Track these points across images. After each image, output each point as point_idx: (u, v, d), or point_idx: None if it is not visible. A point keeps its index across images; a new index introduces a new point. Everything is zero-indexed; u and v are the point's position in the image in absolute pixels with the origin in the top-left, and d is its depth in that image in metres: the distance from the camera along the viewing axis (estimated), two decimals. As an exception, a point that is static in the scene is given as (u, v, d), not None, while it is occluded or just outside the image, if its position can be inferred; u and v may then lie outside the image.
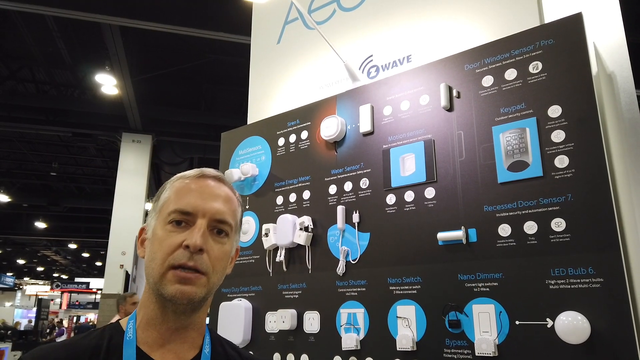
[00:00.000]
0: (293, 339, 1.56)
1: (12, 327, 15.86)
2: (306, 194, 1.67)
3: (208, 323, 1.89)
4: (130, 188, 9.64)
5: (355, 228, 1.51)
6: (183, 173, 0.89)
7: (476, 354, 1.18)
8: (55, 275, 31.67)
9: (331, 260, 1.54)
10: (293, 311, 1.57)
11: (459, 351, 1.22)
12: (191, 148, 10.75)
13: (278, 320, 1.58)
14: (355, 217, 1.51)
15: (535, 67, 1.26)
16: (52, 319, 19.30)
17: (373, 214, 1.48)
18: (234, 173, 1.83)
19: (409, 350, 1.29)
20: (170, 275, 0.78)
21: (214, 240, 0.82)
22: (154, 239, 0.81)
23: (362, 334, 1.41)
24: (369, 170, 1.52)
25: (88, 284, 25.02)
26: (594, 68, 1.27)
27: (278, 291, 1.65)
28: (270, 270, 1.69)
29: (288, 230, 1.62)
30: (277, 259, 1.66)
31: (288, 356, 1.56)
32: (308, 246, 1.61)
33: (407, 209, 1.41)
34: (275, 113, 1.94)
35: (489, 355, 1.16)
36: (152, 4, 5.94)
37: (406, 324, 1.33)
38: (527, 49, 1.28)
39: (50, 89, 9.80)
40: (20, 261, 25.39)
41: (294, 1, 1.86)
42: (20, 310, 20.01)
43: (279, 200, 1.74)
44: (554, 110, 1.21)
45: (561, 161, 1.17)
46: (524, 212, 1.20)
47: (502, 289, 1.19)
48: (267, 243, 1.69)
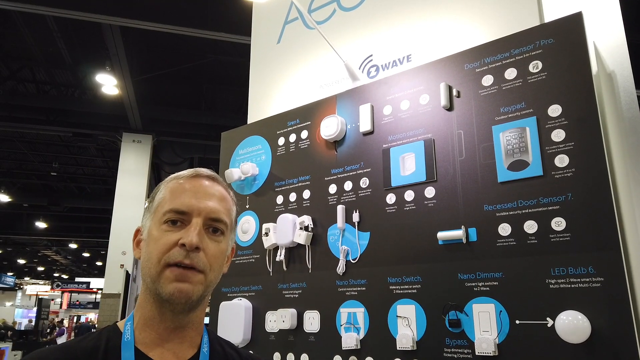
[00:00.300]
0: (293, 339, 1.56)
1: (12, 327, 15.86)
2: (306, 194, 1.67)
3: (208, 323, 1.89)
4: (130, 188, 9.64)
5: (355, 227, 1.51)
6: (177, 173, 0.89)
7: (476, 354, 1.18)
8: (56, 275, 31.68)
9: (331, 260, 1.54)
10: (293, 310, 1.57)
11: (459, 350, 1.22)
12: (191, 148, 10.75)
13: (278, 320, 1.58)
14: (355, 217, 1.51)
15: (535, 67, 1.26)
16: (53, 319, 19.30)
17: (373, 213, 1.48)
18: (234, 172, 1.83)
19: (409, 349, 1.29)
20: (168, 273, 0.78)
21: (209, 238, 0.82)
22: (150, 239, 0.82)
23: (362, 334, 1.41)
24: (369, 169, 1.52)
25: (88, 283, 25.02)
26: (594, 67, 1.27)
27: (278, 290, 1.65)
28: (271, 270, 1.70)
29: (288, 229, 1.62)
30: (277, 259, 1.66)
31: (288, 356, 1.56)
32: (308, 245, 1.61)
33: (407, 209, 1.41)
34: (275, 113, 1.94)
35: (489, 354, 1.16)
36: (152, 4, 5.94)
37: (406, 323, 1.33)
38: (527, 49, 1.28)
39: (51, 89, 9.81)
40: (21, 261, 25.40)
41: (294, 1, 1.86)
42: (20, 310, 20.02)
43: (279, 199, 1.74)
44: (554, 110, 1.21)
45: (561, 160, 1.17)
46: (524, 212, 1.20)
47: (502, 288, 1.19)
48: (267, 242, 1.69)
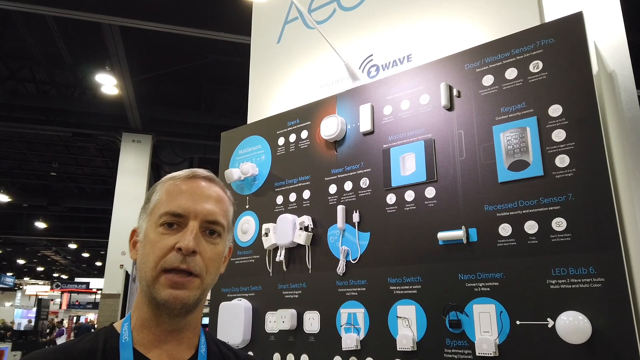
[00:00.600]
0: (293, 339, 1.56)
1: (12, 327, 15.85)
2: (306, 194, 1.66)
3: (208, 323, 1.88)
4: (130, 188, 9.64)
5: (355, 228, 1.51)
6: (173, 174, 0.87)
7: (477, 354, 1.18)
8: (55, 275, 31.67)
9: (331, 260, 1.54)
10: (293, 311, 1.57)
11: (460, 351, 1.21)
12: (191, 148, 10.75)
13: (278, 320, 1.58)
14: (356, 217, 1.51)
15: (535, 67, 1.26)
16: (52, 319, 19.29)
17: (373, 213, 1.48)
18: (234, 173, 1.83)
19: (409, 350, 1.29)
20: (163, 280, 0.77)
21: (206, 241, 0.81)
22: (146, 241, 0.81)
23: (362, 334, 1.41)
24: (369, 169, 1.52)
25: (88, 284, 25.01)
26: (595, 67, 1.27)
27: (278, 291, 1.65)
28: (270, 270, 1.69)
29: (288, 229, 1.62)
30: (277, 259, 1.66)
31: (288, 356, 1.55)
32: (308, 246, 1.60)
33: (408, 209, 1.41)
34: (275, 112, 1.93)
35: (489, 355, 1.16)
36: (152, 4, 5.94)
37: (406, 323, 1.32)
38: (528, 48, 1.28)
39: (51, 89, 9.80)
40: (20, 261, 25.39)
41: (294, 1, 1.85)
42: (20, 310, 20.00)
43: (279, 199, 1.74)
44: (555, 110, 1.20)
45: (562, 160, 1.17)
46: (524, 212, 1.20)
47: (503, 288, 1.19)
48: (267, 243, 1.69)
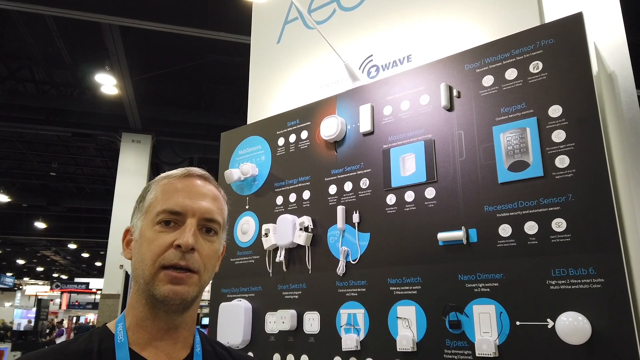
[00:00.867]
0: (293, 340, 1.56)
1: (12, 328, 15.84)
2: (306, 194, 1.66)
3: (208, 324, 1.87)
4: (130, 188, 9.63)
5: (355, 228, 1.51)
6: (168, 172, 0.88)
7: (477, 355, 1.18)
8: (55, 275, 31.66)
9: (331, 261, 1.54)
10: (293, 312, 1.57)
11: (460, 352, 1.21)
12: (191, 148, 10.75)
13: (278, 321, 1.58)
14: (356, 217, 1.51)
15: (535, 67, 1.26)
16: (52, 319, 19.29)
17: (373, 214, 1.48)
18: (234, 173, 1.83)
19: (409, 350, 1.29)
20: (162, 276, 0.78)
21: (203, 238, 0.82)
22: (142, 240, 0.81)
23: (362, 335, 1.41)
24: (369, 170, 1.52)
25: (88, 284, 25.00)
26: (595, 68, 1.27)
27: (278, 291, 1.65)
28: (270, 271, 1.69)
29: (288, 230, 1.62)
30: (277, 259, 1.66)
31: (288, 357, 1.55)
32: (308, 246, 1.60)
33: (408, 209, 1.41)
34: (275, 113, 1.93)
35: (489, 355, 1.16)
36: (152, 4, 5.94)
37: (406, 324, 1.32)
38: (528, 49, 1.28)
39: (50, 89, 9.80)
40: (20, 261, 25.38)
41: (293, 1, 1.85)
42: (19, 311, 19.98)
43: (279, 200, 1.74)
44: (555, 110, 1.20)
45: (562, 161, 1.17)
46: (524, 213, 1.20)
47: (503, 289, 1.19)
48: (267, 243, 1.69)
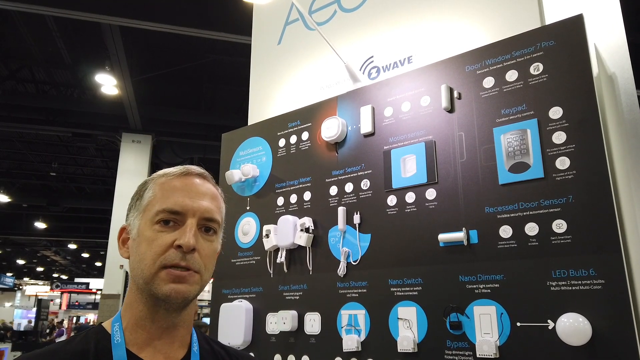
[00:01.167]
0: (294, 341, 1.56)
1: (11, 328, 15.84)
2: (307, 195, 1.67)
3: (209, 324, 1.88)
4: (130, 188, 9.51)
5: (356, 229, 1.51)
6: (166, 170, 0.87)
7: (477, 356, 1.18)
8: (55, 275, 31.66)
9: (332, 262, 1.54)
10: (294, 312, 1.57)
11: (460, 353, 1.22)
12: (191, 148, 10.75)
13: (279, 322, 1.58)
14: (356, 218, 1.51)
15: (536, 69, 1.26)
16: (52, 320, 19.29)
17: (374, 215, 1.48)
18: (235, 174, 1.83)
19: (410, 351, 1.29)
20: (164, 275, 0.77)
21: (203, 238, 0.82)
22: (141, 239, 0.80)
23: (363, 336, 1.41)
24: (370, 171, 1.52)
25: (88, 284, 25.00)
26: (595, 69, 1.27)
27: (279, 292, 1.65)
28: (271, 272, 1.69)
29: (289, 231, 1.62)
30: (278, 260, 1.66)
31: (289, 358, 1.56)
32: (309, 247, 1.61)
33: (408, 210, 1.41)
34: (276, 114, 1.94)
35: (490, 356, 1.16)
36: (152, 4, 5.94)
37: (407, 325, 1.33)
38: (528, 50, 1.28)
39: (50, 89, 9.80)
40: (20, 261, 25.37)
41: (294, 2, 1.85)
42: (20, 311, 19.98)
43: (280, 201, 1.74)
44: (555, 112, 1.21)
45: (562, 162, 1.17)
46: (525, 214, 1.20)
47: (504, 290, 1.19)
48: (268, 244, 1.69)
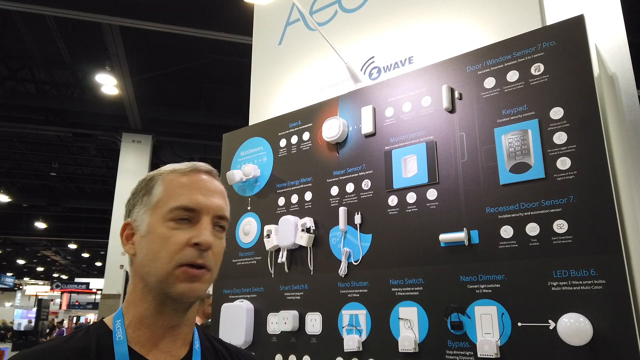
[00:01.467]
0: (295, 341, 1.56)
1: (12, 328, 15.84)
2: (308, 195, 1.67)
3: (209, 324, 1.88)
4: (130, 188, 9.50)
5: (357, 229, 1.51)
6: (173, 166, 0.86)
7: (478, 356, 1.18)
8: (55, 275, 31.66)
9: (333, 262, 1.54)
10: (295, 312, 1.57)
11: (461, 353, 1.22)
12: (191, 148, 10.76)
13: (280, 322, 1.58)
14: (357, 219, 1.51)
15: (537, 69, 1.26)
16: (52, 319, 19.29)
17: (375, 215, 1.48)
18: (236, 174, 1.84)
19: (411, 351, 1.29)
20: (179, 273, 0.76)
21: (214, 236, 0.82)
22: (154, 236, 0.78)
23: (364, 336, 1.41)
24: (371, 171, 1.53)
25: (88, 284, 25.00)
26: (596, 70, 1.27)
27: (280, 292, 1.65)
28: (272, 272, 1.70)
29: (290, 231, 1.63)
30: (279, 260, 1.67)
31: (290, 357, 1.56)
32: (310, 247, 1.61)
33: (409, 211, 1.41)
34: (276, 114, 1.94)
35: (491, 357, 1.16)
36: (152, 4, 5.95)
37: (408, 325, 1.33)
38: (529, 51, 1.29)
39: (50, 89, 9.81)
40: (20, 261, 25.38)
41: (295, 2, 1.86)
42: (20, 311, 19.98)
43: (281, 201, 1.74)
44: (556, 112, 1.21)
45: (563, 163, 1.18)
46: (526, 214, 1.20)
47: (505, 290, 1.19)
48: (269, 244, 1.69)
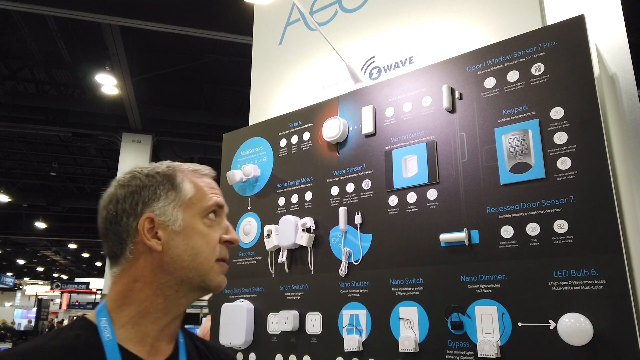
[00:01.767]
0: (295, 341, 1.56)
1: (11, 328, 15.84)
2: (308, 195, 1.67)
3: (210, 324, 1.87)
4: (130, 188, 9.60)
5: (357, 229, 1.51)
6: (192, 166, 0.90)
7: (479, 356, 1.18)
8: (55, 275, 31.65)
9: (333, 262, 1.54)
10: (295, 312, 1.57)
11: (462, 353, 1.22)
12: (191, 148, 10.75)
13: (280, 322, 1.58)
14: (358, 219, 1.51)
15: (537, 69, 1.26)
16: (52, 319, 19.29)
17: (375, 215, 1.48)
18: (236, 174, 1.84)
19: (412, 351, 1.29)
20: (218, 267, 0.85)
21: None
22: (193, 232, 0.83)
23: (365, 336, 1.41)
24: (371, 171, 1.53)
25: (88, 284, 24.98)
26: (596, 70, 1.27)
27: (280, 292, 1.65)
28: (272, 272, 1.70)
29: (290, 231, 1.63)
30: (279, 260, 1.67)
31: (290, 357, 1.56)
32: (310, 247, 1.61)
33: (410, 211, 1.41)
34: (277, 114, 1.94)
35: (491, 356, 1.16)
36: (152, 4, 5.94)
37: (408, 325, 1.33)
38: (530, 51, 1.29)
39: (50, 89, 9.80)
40: (20, 261, 25.37)
41: (295, 2, 1.86)
42: (20, 311, 19.99)
43: (281, 201, 1.74)
44: (556, 112, 1.21)
45: (563, 163, 1.18)
46: (526, 214, 1.20)
47: (505, 290, 1.20)
48: (269, 244, 1.69)
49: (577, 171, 1.15)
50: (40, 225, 16.86)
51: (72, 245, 21.49)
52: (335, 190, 1.60)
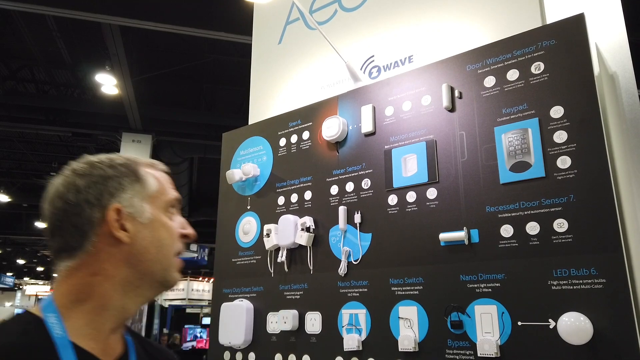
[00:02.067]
0: (294, 340, 1.56)
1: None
2: (308, 195, 1.67)
3: (210, 324, 1.88)
4: (130, 188, 9.60)
5: (357, 228, 1.51)
6: (148, 160, 0.91)
7: (478, 355, 1.18)
8: (55, 275, 31.62)
9: (333, 261, 1.54)
10: (294, 312, 1.57)
11: (461, 352, 1.22)
12: (191, 148, 10.74)
13: (279, 321, 1.58)
14: (357, 218, 1.51)
15: (537, 68, 1.26)
16: (52, 319, 19.27)
17: (375, 214, 1.48)
18: (235, 173, 1.83)
19: (411, 351, 1.29)
20: (176, 262, 0.86)
21: None
22: (159, 224, 0.83)
23: (364, 335, 1.41)
24: (371, 170, 1.52)
25: (88, 284, 24.94)
26: (596, 68, 1.27)
27: (279, 292, 1.65)
28: (272, 271, 1.69)
29: (289, 230, 1.62)
30: (279, 260, 1.66)
31: (290, 357, 1.56)
32: (309, 247, 1.61)
33: (409, 210, 1.41)
34: (276, 113, 1.93)
35: (491, 356, 1.16)
36: (152, 4, 5.94)
37: (408, 324, 1.33)
38: (529, 50, 1.28)
39: (50, 89, 9.80)
40: (20, 261, 25.37)
41: (295, 1, 1.85)
42: (20, 311, 20.01)
43: (281, 200, 1.74)
44: (556, 111, 1.21)
45: (563, 162, 1.17)
46: (526, 213, 1.20)
47: (505, 289, 1.19)
48: (269, 243, 1.69)
49: (577, 170, 1.15)
50: (41, 225, 16.86)
51: (72, 245, 21.46)
52: (334, 190, 1.60)
